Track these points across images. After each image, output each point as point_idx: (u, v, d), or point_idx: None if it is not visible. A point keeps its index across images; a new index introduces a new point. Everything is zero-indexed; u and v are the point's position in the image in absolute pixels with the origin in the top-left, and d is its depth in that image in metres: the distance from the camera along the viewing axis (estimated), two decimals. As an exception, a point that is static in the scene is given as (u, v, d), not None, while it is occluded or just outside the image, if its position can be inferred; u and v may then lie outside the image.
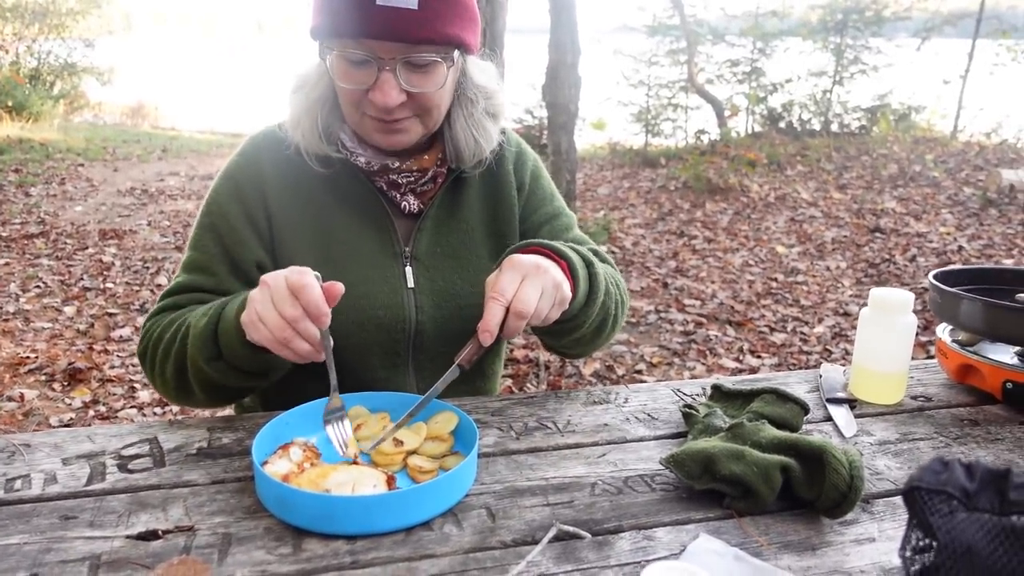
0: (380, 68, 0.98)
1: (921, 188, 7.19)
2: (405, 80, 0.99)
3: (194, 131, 11.97)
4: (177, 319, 1.04)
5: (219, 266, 1.10)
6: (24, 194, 6.52)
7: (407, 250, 1.14)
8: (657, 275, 4.93)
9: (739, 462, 0.82)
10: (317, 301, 0.86)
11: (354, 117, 1.06)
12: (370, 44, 0.96)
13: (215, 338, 0.96)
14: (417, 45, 0.97)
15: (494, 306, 0.89)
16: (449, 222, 1.17)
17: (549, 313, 0.94)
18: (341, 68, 1.01)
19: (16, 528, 0.77)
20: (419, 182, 1.13)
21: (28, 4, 11.50)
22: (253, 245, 1.11)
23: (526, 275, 0.91)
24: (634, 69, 9.75)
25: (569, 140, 5.64)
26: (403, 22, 0.94)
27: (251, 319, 0.88)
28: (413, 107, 1.03)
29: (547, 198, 1.25)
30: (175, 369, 1.02)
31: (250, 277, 1.10)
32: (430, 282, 1.14)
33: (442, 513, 0.81)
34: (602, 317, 1.09)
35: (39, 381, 3.24)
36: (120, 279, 4.60)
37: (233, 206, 1.11)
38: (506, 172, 1.21)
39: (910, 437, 1.02)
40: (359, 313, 1.10)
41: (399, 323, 1.12)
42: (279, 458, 0.86)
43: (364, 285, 1.11)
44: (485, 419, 1.04)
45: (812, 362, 3.62)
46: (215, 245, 1.10)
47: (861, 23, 9.97)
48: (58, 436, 0.96)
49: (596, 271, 1.05)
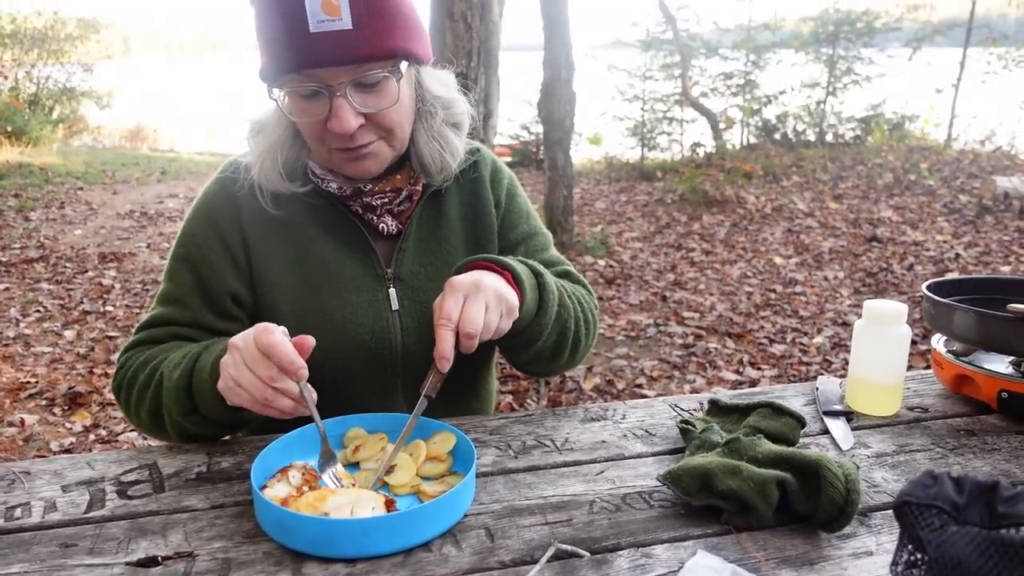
0: (331, 95, 0.97)
1: (917, 197, 7.23)
2: (359, 102, 0.98)
3: (193, 152, 12.03)
4: (151, 361, 1.03)
5: (192, 298, 1.09)
6: (24, 219, 6.54)
7: (389, 272, 1.14)
8: (656, 288, 4.94)
9: (735, 477, 0.83)
10: (290, 356, 0.85)
11: (322, 152, 1.06)
12: (315, 73, 0.95)
13: (190, 394, 0.96)
14: (361, 64, 0.96)
15: (443, 332, 0.90)
16: (431, 242, 1.16)
17: (500, 325, 0.94)
18: (295, 105, 1.01)
19: (16, 557, 0.77)
20: (394, 202, 1.12)
21: (27, 30, 11.61)
22: (228, 276, 1.10)
23: (467, 294, 0.92)
24: (629, 84, 9.83)
25: (565, 155, 5.68)
26: (341, 44, 0.93)
27: (227, 385, 0.89)
28: (374, 129, 1.02)
29: (523, 217, 1.24)
30: (149, 413, 1.02)
31: (224, 309, 1.10)
32: (414, 303, 1.14)
33: (441, 534, 0.81)
34: (560, 330, 1.09)
35: (39, 406, 3.24)
36: (120, 302, 4.61)
37: (208, 236, 1.10)
38: (484, 189, 1.20)
39: (907, 449, 1.02)
40: (345, 339, 1.10)
41: (386, 347, 1.12)
42: (278, 482, 0.86)
43: (348, 309, 1.11)
44: (483, 438, 1.04)
45: (812, 373, 3.62)
46: (189, 277, 1.10)
47: (853, 34, 10.07)
48: (58, 463, 0.97)
49: (546, 280, 1.05)
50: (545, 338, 1.07)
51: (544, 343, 1.07)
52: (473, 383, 1.24)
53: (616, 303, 4.65)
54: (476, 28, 3.61)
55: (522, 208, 1.25)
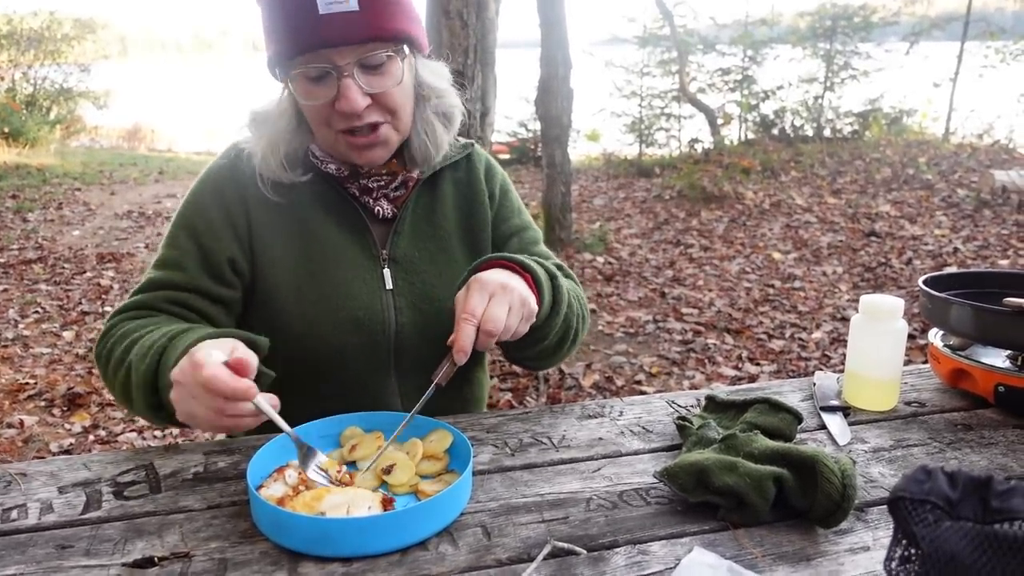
0: (339, 76, 1.01)
1: (915, 191, 7.23)
2: (365, 83, 1.02)
3: (190, 152, 12.02)
4: (128, 336, 1.01)
5: (191, 261, 1.10)
6: (22, 220, 6.53)
7: (384, 253, 1.16)
8: (654, 284, 4.94)
9: (732, 474, 0.83)
10: (232, 386, 0.82)
11: (328, 138, 1.09)
12: (324, 54, 1.00)
13: (154, 389, 0.94)
14: (366, 44, 1.00)
15: (466, 327, 0.91)
16: (426, 227, 1.19)
17: (518, 328, 0.97)
18: (303, 88, 1.04)
19: (12, 559, 0.77)
20: (390, 186, 1.15)
21: (23, 31, 11.59)
22: (229, 242, 1.11)
23: (493, 293, 0.94)
24: (626, 80, 9.82)
25: (563, 152, 5.67)
26: (349, 24, 0.99)
27: (184, 416, 0.88)
28: (380, 111, 1.05)
29: (516, 211, 1.28)
30: (121, 393, 1.01)
31: (222, 274, 1.11)
32: (408, 284, 1.16)
33: (437, 532, 0.81)
34: (564, 329, 1.12)
35: (38, 407, 3.24)
36: (119, 302, 4.60)
37: (213, 203, 1.12)
38: (478, 181, 1.24)
39: (904, 443, 1.02)
40: (340, 315, 1.12)
41: (379, 325, 1.14)
42: (274, 481, 0.86)
43: (344, 286, 1.13)
44: (480, 436, 1.04)
45: (811, 368, 3.62)
46: (189, 242, 1.11)
47: (850, 29, 10.06)
48: (54, 464, 0.97)
49: (560, 284, 1.08)
50: (551, 338, 1.09)
51: (549, 342, 1.10)
52: (466, 371, 1.25)
53: (615, 300, 4.65)
54: (472, 25, 3.60)
55: (515, 203, 1.29)
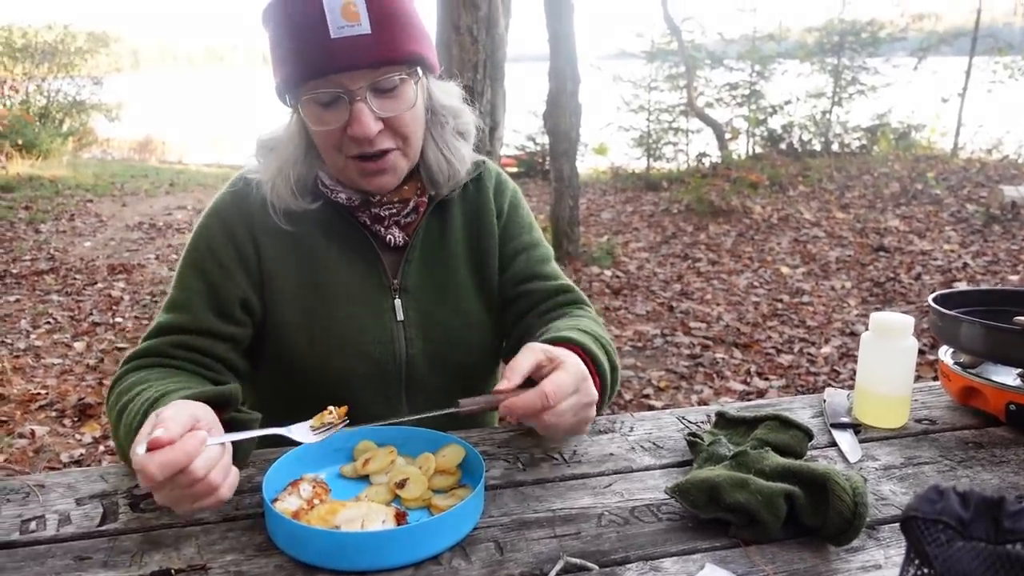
0: (351, 101, 0.99)
1: (924, 206, 7.21)
2: (377, 107, 1.00)
3: (201, 164, 12.12)
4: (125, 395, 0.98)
5: (199, 302, 1.08)
6: (34, 231, 6.60)
7: (396, 283, 1.15)
8: (662, 298, 4.94)
9: (743, 491, 0.83)
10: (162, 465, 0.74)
11: (338, 163, 1.07)
12: (335, 79, 0.98)
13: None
14: (379, 68, 0.99)
15: (535, 398, 0.88)
16: (436, 254, 1.17)
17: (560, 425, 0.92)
18: (314, 113, 1.02)
19: (31, 570, 0.78)
20: (401, 213, 1.13)
21: (38, 44, 11.75)
22: (241, 281, 1.10)
23: (577, 390, 0.91)
24: (634, 94, 9.87)
25: (571, 166, 5.70)
26: (361, 48, 0.97)
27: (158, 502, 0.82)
28: (392, 138, 1.04)
29: (525, 228, 1.24)
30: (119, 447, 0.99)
31: (232, 314, 1.09)
32: (419, 314, 1.15)
33: (451, 547, 0.81)
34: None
35: (50, 417, 3.26)
36: (129, 313, 4.64)
37: (222, 242, 1.10)
38: (487, 200, 1.21)
39: (915, 461, 1.02)
40: (351, 349, 1.11)
41: (389, 356, 1.13)
42: (289, 495, 0.87)
43: (355, 319, 1.12)
44: (492, 451, 1.05)
45: (820, 383, 3.61)
46: (198, 281, 1.09)
47: (858, 44, 10.09)
48: (71, 476, 0.98)
49: (617, 377, 1.06)
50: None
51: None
52: (482, 389, 1.24)
53: (623, 313, 4.65)
54: (482, 41, 3.64)
55: (524, 220, 1.25)
